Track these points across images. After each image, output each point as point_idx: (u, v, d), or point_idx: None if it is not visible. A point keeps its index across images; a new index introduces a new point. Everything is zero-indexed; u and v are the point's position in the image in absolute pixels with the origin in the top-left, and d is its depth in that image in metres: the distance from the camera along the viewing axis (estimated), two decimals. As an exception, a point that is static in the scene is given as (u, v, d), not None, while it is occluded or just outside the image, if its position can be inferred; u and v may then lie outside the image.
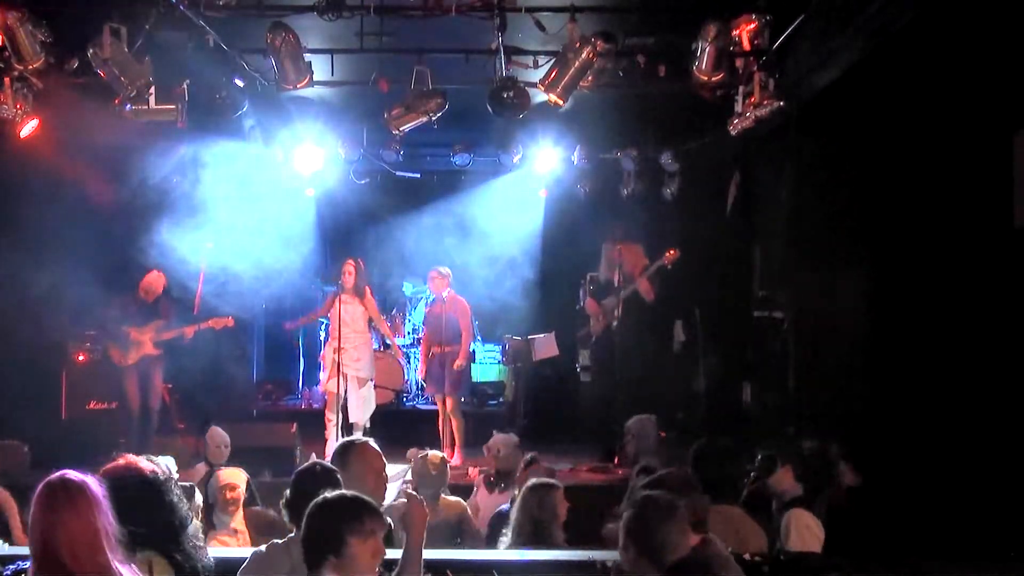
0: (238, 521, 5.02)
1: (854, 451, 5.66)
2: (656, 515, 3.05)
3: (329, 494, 3.04)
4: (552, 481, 4.64)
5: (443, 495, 5.28)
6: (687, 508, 3.25)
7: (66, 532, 2.65)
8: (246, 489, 5.14)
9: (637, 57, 6.57)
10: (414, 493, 3.37)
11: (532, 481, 4.59)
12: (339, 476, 3.54)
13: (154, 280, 7.96)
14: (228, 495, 5.02)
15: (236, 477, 5.12)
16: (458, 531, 5.18)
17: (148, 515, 3.01)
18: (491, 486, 6.04)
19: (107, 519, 2.72)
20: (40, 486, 2.76)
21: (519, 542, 4.33)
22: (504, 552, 4.34)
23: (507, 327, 9.71)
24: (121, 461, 3.21)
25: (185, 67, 6.70)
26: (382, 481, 3.83)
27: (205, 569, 3.15)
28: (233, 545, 4.86)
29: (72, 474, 2.76)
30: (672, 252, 7.84)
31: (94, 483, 2.76)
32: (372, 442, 3.86)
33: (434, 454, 5.34)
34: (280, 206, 9.70)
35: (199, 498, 4.83)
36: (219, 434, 6.19)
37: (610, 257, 8.04)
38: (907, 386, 6.57)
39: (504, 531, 4.55)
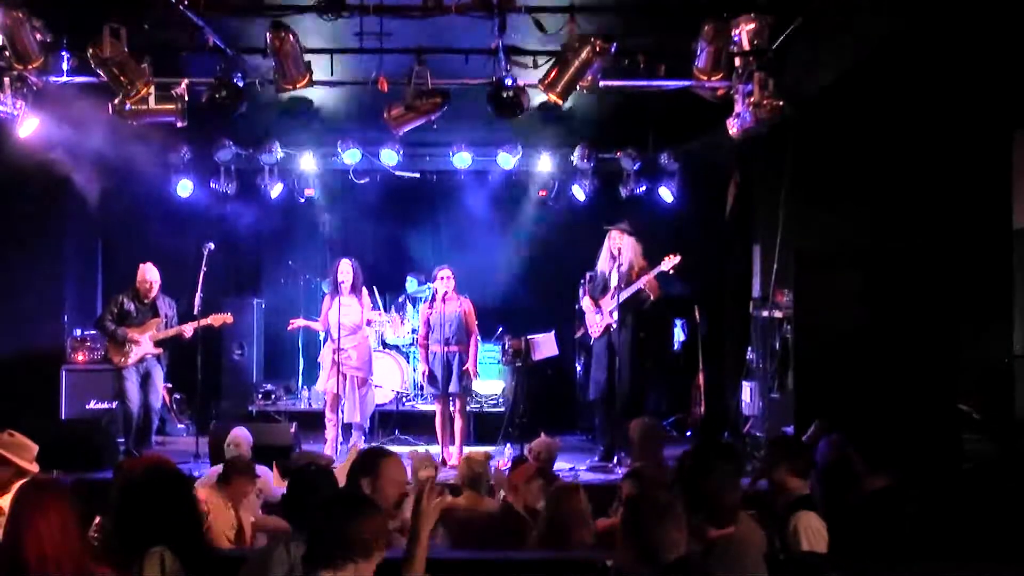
0: None
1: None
2: (652, 514, 3.06)
3: (331, 493, 3.04)
4: (574, 483, 4.64)
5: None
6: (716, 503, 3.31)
7: (33, 535, 2.65)
8: None
9: (637, 57, 6.57)
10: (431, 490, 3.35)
11: (556, 485, 4.60)
12: (335, 476, 3.54)
13: (150, 275, 7.91)
14: None
15: None
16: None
17: (168, 511, 3.04)
18: None
19: (76, 523, 2.72)
20: (15, 488, 2.77)
21: (549, 544, 4.33)
22: (504, 552, 4.34)
23: (507, 327, 9.70)
24: (145, 457, 3.25)
25: (185, 67, 6.70)
26: (404, 494, 3.80)
27: (215, 569, 3.17)
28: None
29: (40, 476, 2.77)
30: (671, 256, 7.80)
31: (62, 487, 2.78)
32: (399, 455, 3.81)
33: (477, 451, 5.37)
34: (279, 206, 9.71)
35: None
36: (232, 433, 6.15)
37: (609, 248, 7.96)
38: (907, 386, 6.58)
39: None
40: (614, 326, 7.77)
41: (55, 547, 2.65)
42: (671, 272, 7.75)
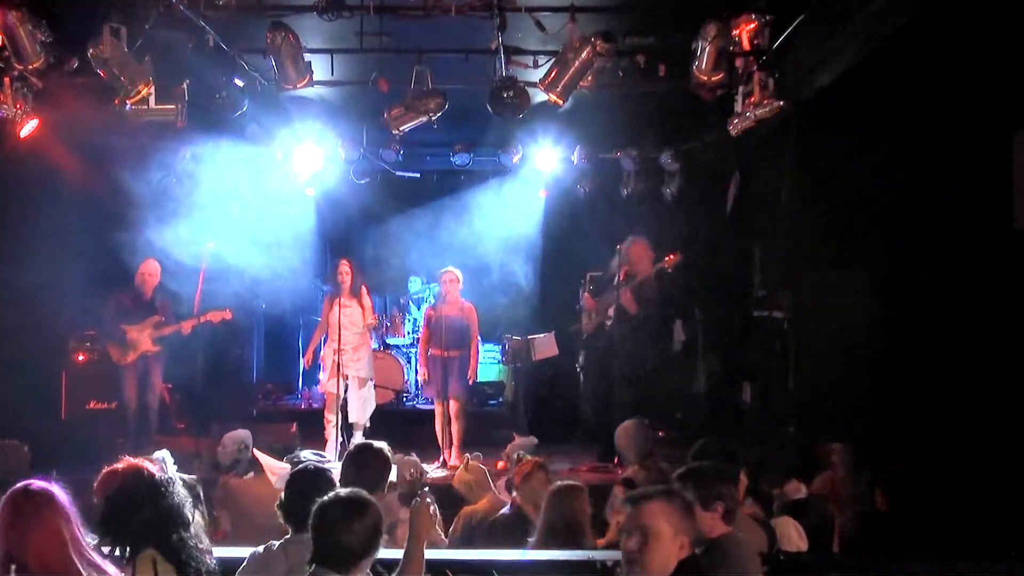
0: None
1: (853, 451, 5.66)
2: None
3: (341, 494, 3.04)
4: (577, 483, 4.65)
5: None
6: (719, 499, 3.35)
7: (33, 541, 2.67)
8: None
9: (637, 57, 6.56)
10: (428, 496, 3.37)
11: (558, 484, 4.62)
12: (332, 476, 3.54)
13: (150, 269, 7.92)
14: None
15: None
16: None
17: (150, 516, 3.02)
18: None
19: (75, 527, 2.75)
20: (5, 496, 2.78)
21: (549, 545, 4.34)
22: (504, 552, 4.34)
23: (507, 327, 9.70)
24: (120, 464, 3.23)
25: (185, 67, 6.69)
26: (391, 489, 3.80)
27: (208, 569, 3.15)
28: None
29: (36, 484, 2.80)
30: (672, 256, 7.81)
31: (59, 492, 2.80)
32: (387, 448, 3.80)
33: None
34: (280, 206, 9.70)
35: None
36: (237, 437, 6.16)
37: (623, 257, 7.99)
38: (907, 386, 6.57)
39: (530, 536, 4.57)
40: (609, 324, 7.78)
41: (53, 553, 2.67)
42: (671, 271, 7.77)
